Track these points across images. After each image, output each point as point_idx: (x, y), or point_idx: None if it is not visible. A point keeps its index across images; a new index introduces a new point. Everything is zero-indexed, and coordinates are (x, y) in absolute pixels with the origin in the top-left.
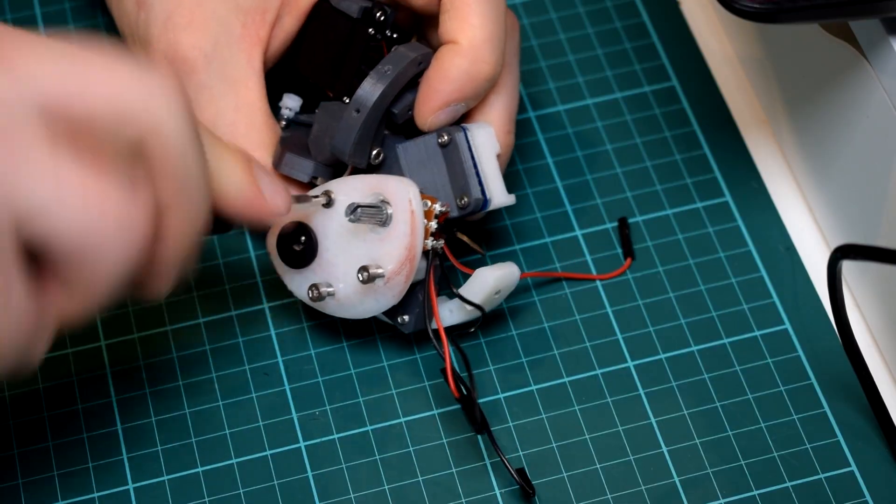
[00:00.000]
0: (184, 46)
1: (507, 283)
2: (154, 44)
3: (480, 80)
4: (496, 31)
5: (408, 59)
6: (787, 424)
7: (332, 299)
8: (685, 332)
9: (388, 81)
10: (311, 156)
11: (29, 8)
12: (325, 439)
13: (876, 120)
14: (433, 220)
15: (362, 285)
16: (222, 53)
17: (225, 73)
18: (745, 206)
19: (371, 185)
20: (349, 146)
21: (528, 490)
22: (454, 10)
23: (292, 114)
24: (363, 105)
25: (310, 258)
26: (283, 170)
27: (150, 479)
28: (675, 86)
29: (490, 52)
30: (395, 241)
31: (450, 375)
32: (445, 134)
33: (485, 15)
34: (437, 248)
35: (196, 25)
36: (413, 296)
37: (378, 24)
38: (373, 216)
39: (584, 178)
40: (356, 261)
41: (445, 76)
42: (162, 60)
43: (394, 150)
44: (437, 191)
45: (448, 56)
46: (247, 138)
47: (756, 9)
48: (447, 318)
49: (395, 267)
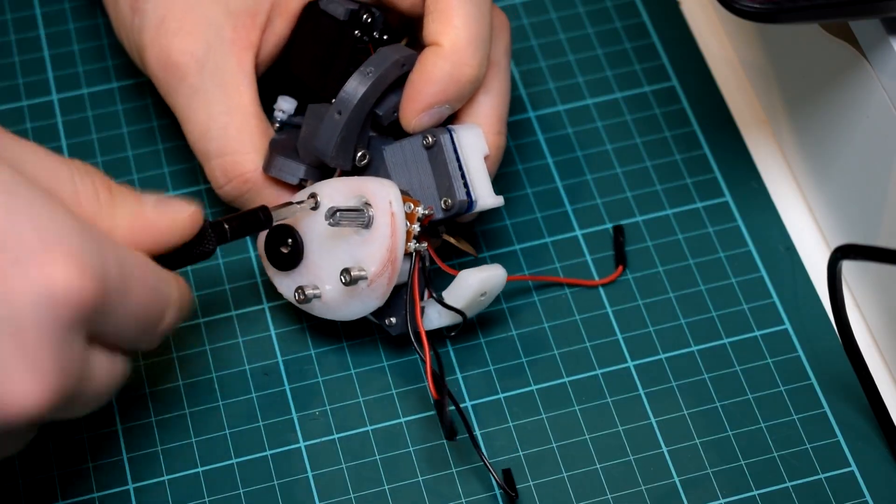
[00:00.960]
0: (175, 52)
1: (492, 285)
2: (147, 49)
3: (463, 83)
4: (480, 33)
5: (391, 60)
6: (787, 424)
7: (318, 301)
8: (685, 332)
9: (370, 82)
10: (301, 158)
11: (29, 8)
12: (325, 439)
13: (876, 120)
14: (416, 222)
15: (346, 288)
16: (214, 57)
17: (217, 77)
18: (745, 206)
19: (353, 188)
20: (331, 148)
21: (510, 494)
22: (437, 12)
23: (286, 116)
24: (345, 107)
25: (296, 260)
26: (272, 172)
27: (150, 479)
28: (675, 86)
29: (473, 54)
30: (376, 242)
31: (429, 378)
32: (430, 136)
33: (468, 16)
34: (420, 250)
35: (187, 30)
36: (400, 298)
37: (365, 27)
38: (354, 219)
39: (584, 178)
40: (340, 263)
41: (428, 79)
42: (155, 67)
43: (380, 152)
44: (423, 192)
45: (431, 58)
46: (238, 141)
47: (756, 9)
48: (435, 320)
49: (377, 269)
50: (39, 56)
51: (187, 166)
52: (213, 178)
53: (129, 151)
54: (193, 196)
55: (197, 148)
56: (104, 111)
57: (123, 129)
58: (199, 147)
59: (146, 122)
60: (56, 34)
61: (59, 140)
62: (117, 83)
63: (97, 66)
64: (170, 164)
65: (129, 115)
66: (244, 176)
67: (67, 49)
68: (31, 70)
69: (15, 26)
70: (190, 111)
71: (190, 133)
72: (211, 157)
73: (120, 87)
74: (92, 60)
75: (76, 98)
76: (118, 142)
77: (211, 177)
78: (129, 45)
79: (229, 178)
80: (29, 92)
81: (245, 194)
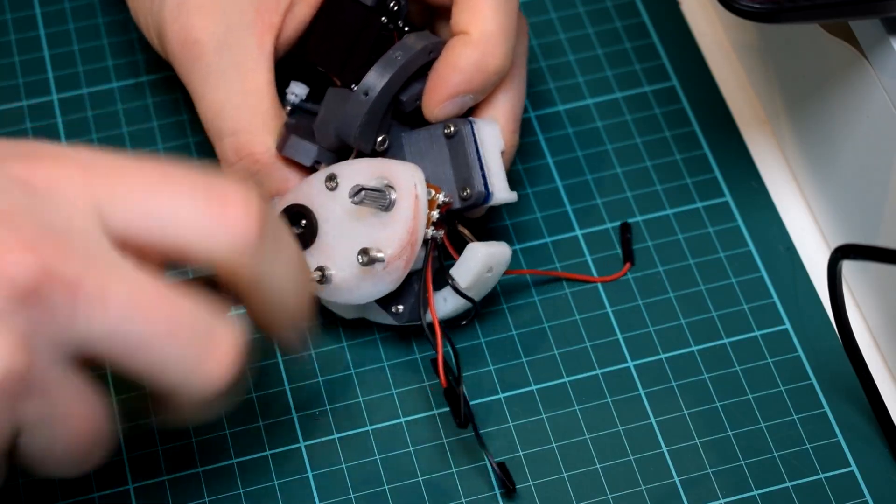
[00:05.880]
0: (196, 29)
1: (498, 261)
2: (167, 27)
3: (489, 72)
4: (508, 25)
5: (419, 46)
6: (787, 424)
7: (329, 283)
8: (685, 332)
9: (398, 67)
10: (316, 141)
11: (29, 8)
12: (325, 439)
13: (876, 120)
14: (435, 209)
15: (360, 269)
16: (234, 38)
17: (235, 58)
18: (745, 206)
19: (377, 169)
20: (355, 128)
21: (508, 486)
22: (466, 1)
23: (298, 100)
24: (371, 89)
25: (309, 241)
26: (286, 152)
27: (150, 479)
28: (675, 86)
29: (500, 44)
30: (396, 225)
31: (440, 365)
32: (452, 125)
33: (497, 8)
34: (436, 237)
35: (208, 9)
36: (409, 286)
37: (392, 14)
38: (376, 199)
39: (584, 178)
40: (356, 244)
41: (455, 66)
42: (174, 44)
43: (399, 139)
44: (439, 181)
45: (458, 46)
46: (251, 122)
47: (756, 9)
48: (441, 307)
49: (395, 251)
50: (39, 56)
51: None
52: (224, 157)
53: (129, 151)
54: None
55: (210, 126)
56: (104, 111)
57: (123, 128)
58: (212, 126)
59: (147, 122)
60: (56, 34)
61: (59, 140)
62: (117, 83)
63: (97, 66)
64: None
65: (130, 115)
66: (255, 156)
67: (67, 49)
68: (31, 70)
69: (15, 26)
70: (205, 89)
71: (204, 112)
72: (224, 136)
73: (120, 87)
74: (92, 60)
75: (76, 98)
76: (118, 142)
77: (222, 156)
78: (147, 23)
79: (240, 157)
80: (29, 92)
81: (255, 175)
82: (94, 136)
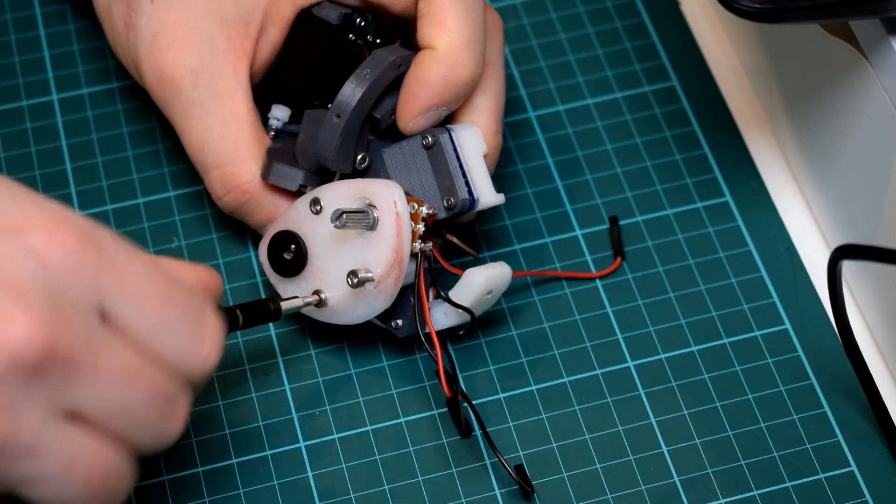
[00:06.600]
0: (169, 66)
1: (498, 283)
2: (143, 65)
3: (459, 85)
4: (474, 35)
5: (387, 61)
6: (787, 424)
7: (326, 307)
8: (685, 332)
9: (368, 84)
10: (299, 165)
11: (29, 8)
12: (325, 439)
13: (876, 120)
14: (420, 222)
15: (353, 290)
16: (208, 68)
17: (212, 88)
18: (745, 206)
19: (356, 190)
20: (332, 152)
21: (526, 489)
22: (430, 15)
23: (280, 124)
24: (343, 110)
25: (300, 266)
26: (271, 180)
27: (151, 479)
28: (675, 86)
29: (468, 56)
30: (382, 244)
31: (442, 377)
32: (430, 136)
33: (461, 19)
34: (425, 250)
35: (180, 43)
36: (405, 300)
37: (359, 30)
38: (359, 221)
39: (584, 178)
40: (346, 266)
41: (424, 82)
42: (151, 81)
43: (379, 155)
44: (424, 193)
45: (426, 62)
46: (235, 152)
47: (756, 9)
48: (441, 320)
49: (383, 270)
50: (39, 56)
51: (187, 166)
52: (213, 190)
53: (129, 151)
54: (193, 196)
55: (196, 161)
56: (104, 111)
57: (123, 128)
58: (197, 160)
59: (146, 122)
60: (56, 34)
61: (58, 140)
62: (117, 83)
63: (97, 66)
64: (170, 164)
65: (129, 114)
66: (241, 187)
67: (67, 49)
68: (31, 70)
69: (15, 26)
70: (187, 124)
71: (188, 146)
72: (209, 169)
73: (120, 87)
74: (92, 60)
75: (76, 98)
76: (118, 142)
77: (210, 189)
78: (126, 60)
79: (227, 190)
80: (29, 92)
81: (244, 205)
82: (95, 136)
